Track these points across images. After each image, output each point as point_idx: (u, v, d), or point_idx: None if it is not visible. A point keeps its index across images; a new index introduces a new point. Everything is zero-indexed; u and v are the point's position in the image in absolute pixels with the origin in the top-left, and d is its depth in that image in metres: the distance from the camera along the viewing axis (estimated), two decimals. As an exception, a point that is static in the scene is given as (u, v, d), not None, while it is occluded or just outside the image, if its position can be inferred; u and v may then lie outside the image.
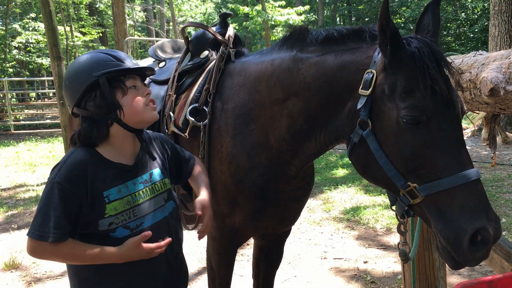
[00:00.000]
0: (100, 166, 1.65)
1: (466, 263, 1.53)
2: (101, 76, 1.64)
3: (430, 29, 1.74)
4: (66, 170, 1.59)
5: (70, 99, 1.72)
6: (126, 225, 1.66)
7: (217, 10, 34.42)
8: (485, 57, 1.97)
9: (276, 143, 2.09)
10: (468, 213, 1.48)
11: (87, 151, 1.66)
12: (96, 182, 1.61)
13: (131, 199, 1.68)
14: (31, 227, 1.55)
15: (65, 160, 1.63)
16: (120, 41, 11.00)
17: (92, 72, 1.65)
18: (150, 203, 1.74)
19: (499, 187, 6.77)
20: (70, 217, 1.56)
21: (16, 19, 25.70)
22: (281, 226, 2.44)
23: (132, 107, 1.68)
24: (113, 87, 1.67)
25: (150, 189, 1.76)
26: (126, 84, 1.69)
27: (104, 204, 1.61)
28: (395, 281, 4.03)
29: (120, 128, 1.69)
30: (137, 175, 1.74)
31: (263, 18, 18.87)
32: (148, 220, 1.72)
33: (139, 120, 1.71)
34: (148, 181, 1.76)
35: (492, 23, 10.37)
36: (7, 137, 16.16)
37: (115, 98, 1.66)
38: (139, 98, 1.70)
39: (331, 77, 1.85)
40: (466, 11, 27.26)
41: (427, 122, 1.54)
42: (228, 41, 2.46)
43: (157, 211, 1.76)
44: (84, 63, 1.71)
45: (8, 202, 7.32)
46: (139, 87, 1.73)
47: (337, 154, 9.98)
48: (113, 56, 1.71)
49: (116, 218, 1.63)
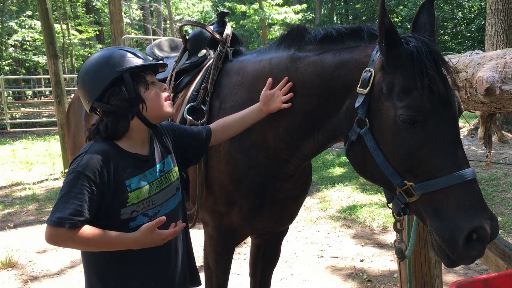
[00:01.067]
0: (120, 157, 1.70)
1: (461, 262, 1.54)
2: (125, 71, 1.69)
3: (426, 28, 1.74)
4: (88, 159, 1.62)
5: (90, 94, 1.73)
6: (145, 212, 1.72)
7: (214, 8, 34.35)
8: (481, 56, 1.98)
9: (274, 142, 2.09)
10: (464, 212, 1.49)
11: (106, 143, 1.71)
12: (118, 172, 1.66)
13: (149, 188, 1.74)
14: (50, 215, 1.57)
15: (86, 151, 1.66)
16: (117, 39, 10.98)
17: (116, 67, 1.69)
18: (165, 191, 1.81)
19: (495, 186, 6.80)
20: (90, 206, 1.58)
21: (13, 17, 25.56)
22: (278, 225, 2.45)
23: (154, 101, 1.74)
24: (136, 82, 1.72)
25: (164, 178, 1.82)
26: (147, 80, 1.75)
27: (127, 193, 1.66)
28: (391, 279, 4.05)
29: (139, 121, 1.74)
30: (154, 164, 1.79)
31: (260, 16, 18.88)
32: (164, 208, 1.79)
33: (159, 115, 1.77)
34: (162, 171, 1.82)
35: (489, 22, 10.39)
36: (3, 135, 16.10)
37: (138, 93, 1.72)
38: (160, 93, 1.77)
39: (329, 75, 1.85)
40: (463, 10, 27.32)
41: (424, 121, 1.55)
42: (226, 40, 2.46)
43: (170, 200, 1.83)
44: (105, 58, 1.74)
45: (4, 201, 7.30)
46: (156, 82, 1.79)
47: (334, 153, 9.99)
48: (131, 53, 1.77)
49: (137, 206, 1.69)
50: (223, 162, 2.19)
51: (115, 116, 1.70)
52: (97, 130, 1.73)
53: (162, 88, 1.79)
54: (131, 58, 1.74)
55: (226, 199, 2.21)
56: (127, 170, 1.69)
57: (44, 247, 5.19)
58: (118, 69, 1.69)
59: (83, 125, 3.10)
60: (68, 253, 4.90)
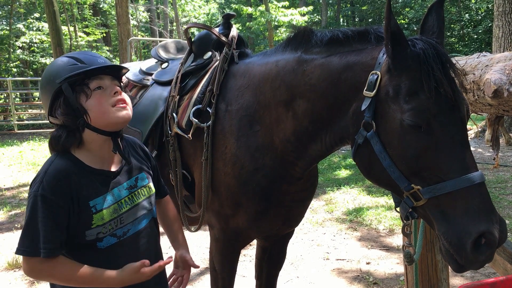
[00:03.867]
0: (83, 174, 1.60)
1: (469, 267, 1.52)
2: (63, 82, 1.58)
3: (434, 30, 1.73)
4: (49, 180, 1.53)
5: (45, 109, 1.68)
6: (113, 233, 1.64)
7: (220, 10, 34.45)
8: (488, 58, 1.96)
9: (281, 144, 2.09)
10: (472, 216, 1.47)
11: (68, 159, 1.61)
12: (81, 191, 1.57)
13: (118, 206, 1.65)
14: (20, 245, 1.51)
15: (46, 171, 1.57)
16: (124, 41, 11.03)
17: (56, 79, 1.59)
18: (136, 208, 1.72)
19: (502, 188, 6.75)
20: (60, 229, 1.52)
21: (20, 19, 25.76)
22: (285, 227, 2.44)
23: (97, 109, 1.59)
24: (77, 91, 1.59)
25: (136, 195, 1.73)
26: (90, 87, 1.60)
27: (91, 214, 1.58)
28: (397, 282, 4.03)
29: (92, 133, 1.63)
30: (122, 181, 1.70)
31: (266, 18, 18.89)
32: (135, 226, 1.71)
33: (107, 122, 1.62)
34: (134, 187, 1.74)
35: (496, 24, 10.34)
36: (11, 136, 16.20)
37: (79, 103, 1.59)
38: (103, 99, 1.61)
39: (336, 78, 1.84)
40: (470, 12, 27.20)
41: (431, 124, 1.54)
42: (231, 42, 2.46)
43: (142, 217, 1.75)
44: (49, 70, 1.66)
45: (11, 202, 7.34)
46: (106, 87, 1.63)
47: (340, 155, 9.97)
48: (76, 59, 1.63)
49: (103, 228, 1.60)
50: (229, 165, 2.18)
51: (66, 130, 1.61)
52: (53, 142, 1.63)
53: (111, 92, 1.63)
54: (70, 66, 1.61)
55: (232, 202, 2.21)
56: (91, 189, 1.59)
57: (51, 248, 5.20)
58: (57, 81, 1.59)
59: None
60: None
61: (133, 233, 1.70)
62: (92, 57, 1.66)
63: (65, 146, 1.61)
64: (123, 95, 1.67)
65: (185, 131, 2.35)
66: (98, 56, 1.69)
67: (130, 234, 1.69)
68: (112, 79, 1.67)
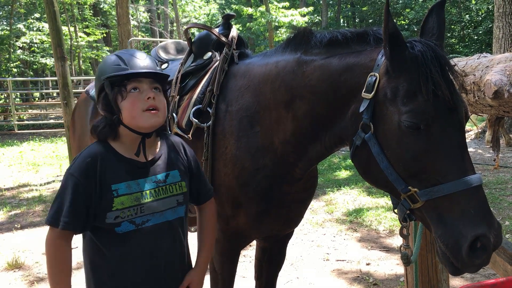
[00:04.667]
0: (111, 160, 1.70)
1: (465, 270, 1.52)
2: (105, 79, 1.70)
3: (434, 32, 1.72)
4: (79, 162, 1.67)
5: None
6: (132, 220, 1.69)
7: (220, 11, 34.43)
8: (489, 59, 1.96)
9: (281, 145, 2.08)
10: (468, 220, 1.47)
11: (102, 146, 1.73)
12: (105, 175, 1.66)
13: (141, 196, 1.70)
14: (48, 215, 1.66)
15: (80, 153, 1.71)
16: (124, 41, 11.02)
17: (102, 75, 1.72)
18: (160, 202, 1.76)
19: (502, 189, 6.75)
20: (81, 208, 1.62)
21: (21, 19, 25.76)
22: (284, 228, 2.44)
23: (128, 111, 1.68)
24: (115, 91, 1.69)
25: (163, 189, 1.77)
26: (127, 88, 1.69)
27: (112, 198, 1.65)
28: (397, 283, 4.02)
29: (125, 129, 1.72)
30: (150, 173, 1.76)
31: (266, 19, 18.88)
32: (156, 218, 1.74)
33: (135, 125, 1.70)
34: (162, 182, 1.78)
35: (496, 25, 10.35)
36: (11, 136, 16.21)
37: (114, 102, 1.69)
38: (136, 103, 1.68)
39: (335, 80, 1.84)
40: (470, 13, 27.21)
41: (428, 126, 1.53)
42: (231, 42, 2.46)
43: (167, 211, 1.77)
44: (101, 65, 1.79)
45: (11, 202, 7.34)
46: (143, 90, 1.71)
47: (340, 156, 9.97)
48: (121, 59, 1.73)
49: (122, 213, 1.66)
50: (229, 165, 2.18)
51: (105, 121, 1.74)
52: (92, 130, 1.76)
53: (145, 97, 1.70)
54: (114, 66, 1.72)
55: (233, 202, 2.20)
56: (117, 174, 1.68)
57: (50, 248, 5.20)
58: (101, 77, 1.72)
59: (88, 128, 3.10)
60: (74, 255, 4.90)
61: (153, 225, 1.72)
62: (136, 59, 1.74)
63: (100, 135, 1.74)
64: (155, 101, 1.72)
65: (185, 131, 2.35)
66: (142, 58, 1.76)
67: (149, 224, 1.72)
68: (151, 82, 1.74)
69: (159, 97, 1.75)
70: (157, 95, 1.74)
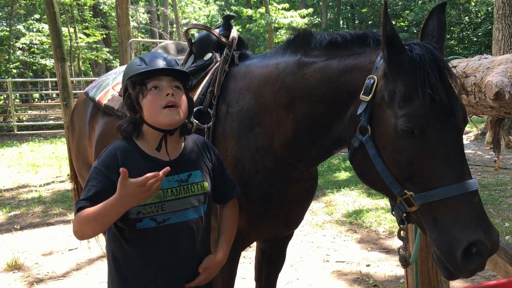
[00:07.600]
0: (134, 156, 1.76)
1: (459, 274, 1.52)
2: (127, 80, 1.79)
3: (435, 34, 1.72)
4: (104, 156, 1.76)
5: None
6: (153, 217, 1.72)
7: (220, 12, 34.48)
8: (490, 61, 1.96)
9: (281, 147, 2.08)
10: (463, 225, 1.47)
11: (126, 142, 1.80)
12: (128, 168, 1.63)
13: (162, 194, 1.73)
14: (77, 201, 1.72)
15: (106, 148, 1.80)
16: (124, 42, 11.03)
17: (125, 77, 1.82)
18: (182, 201, 1.78)
19: (502, 191, 6.75)
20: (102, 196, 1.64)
21: (20, 20, 25.78)
22: (284, 230, 2.44)
23: (148, 109, 1.75)
24: (137, 90, 1.77)
25: (185, 189, 1.79)
26: (147, 86, 1.76)
27: None
28: (397, 284, 4.02)
29: (148, 127, 1.78)
30: (173, 172, 1.76)
31: (266, 20, 18.92)
32: (176, 216, 1.76)
33: (155, 122, 1.76)
34: (184, 181, 1.80)
35: (496, 27, 10.35)
36: (10, 137, 16.20)
37: (136, 100, 1.77)
38: (155, 100, 1.74)
39: (335, 82, 1.84)
40: (470, 14, 27.25)
41: (424, 130, 1.53)
42: (232, 43, 2.45)
43: (188, 211, 1.79)
44: (125, 67, 1.87)
45: (11, 203, 7.33)
46: (162, 87, 1.76)
47: (340, 157, 9.97)
48: (143, 60, 1.81)
49: (143, 208, 1.70)
50: (230, 167, 2.18)
51: (129, 120, 1.81)
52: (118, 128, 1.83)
53: (164, 94, 1.74)
54: (136, 66, 1.79)
55: (233, 204, 2.20)
56: (137, 170, 1.67)
57: (50, 249, 5.20)
58: (125, 79, 1.81)
59: (87, 129, 3.09)
60: (74, 256, 4.91)
61: (174, 223, 1.75)
62: (155, 59, 1.81)
63: (124, 133, 1.81)
64: (174, 98, 1.76)
65: (185, 132, 2.34)
66: (162, 58, 1.83)
67: (170, 223, 1.74)
68: (171, 80, 1.79)
69: (178, 94, 1.79)
70: (176, 93, 1.78)
